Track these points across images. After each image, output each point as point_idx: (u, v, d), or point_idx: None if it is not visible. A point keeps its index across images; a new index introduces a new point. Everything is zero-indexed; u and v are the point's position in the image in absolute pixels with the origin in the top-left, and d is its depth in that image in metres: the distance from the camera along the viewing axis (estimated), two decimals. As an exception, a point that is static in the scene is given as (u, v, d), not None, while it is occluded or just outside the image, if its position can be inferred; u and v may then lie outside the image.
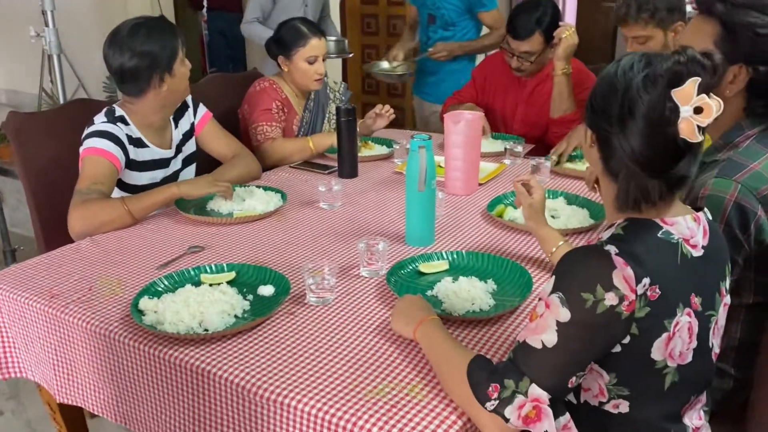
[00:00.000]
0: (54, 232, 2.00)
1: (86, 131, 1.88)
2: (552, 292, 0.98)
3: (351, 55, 3.81)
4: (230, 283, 1.44)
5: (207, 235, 1.74)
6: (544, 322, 0.98)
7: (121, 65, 1.85)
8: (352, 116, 2.13)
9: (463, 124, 1.92)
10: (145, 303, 1.33)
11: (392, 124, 2.66)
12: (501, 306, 1.33)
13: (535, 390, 0.97)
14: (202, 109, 2.15)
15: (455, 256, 1.53)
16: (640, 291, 0.95)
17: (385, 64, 3.20)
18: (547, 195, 1.89)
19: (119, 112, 1.93)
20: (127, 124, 1.92)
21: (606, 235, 1.04)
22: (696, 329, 1.03)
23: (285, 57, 2.37)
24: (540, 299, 1.01)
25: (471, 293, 1.35)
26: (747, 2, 1.30)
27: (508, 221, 1.76)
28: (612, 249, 0.96)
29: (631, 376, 1.02)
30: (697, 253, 1.03)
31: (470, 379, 1.02)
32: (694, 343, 1.03)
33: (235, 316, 1.32)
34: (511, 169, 2.25)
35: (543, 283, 1.44)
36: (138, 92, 1.89)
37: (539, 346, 0.97)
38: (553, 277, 1.00)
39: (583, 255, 1.00)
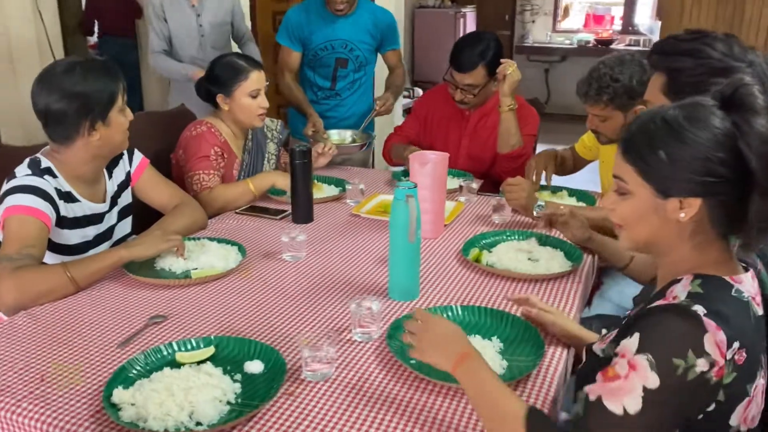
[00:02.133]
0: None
1: (7, 186, 1.64)
2: (638, 352, 0.92)
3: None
4: (211, 360, 1.28)
5: (164, 301, 1.55)
6: (629, 385, 0.92)
7: (46, 106, 1.62)
8: (307, 158, 2.01)
9: (431, 166, 1.85)
10: (119, 395, 1.14)
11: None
12: (516, 369, 1.25)
13: None
14: (138, 156, 1.94)
15: (451, 312, 1.44)
16: (729, 356, 0.91)
17: (336, 137, 2.83)
18: (518, 237, 1.87)
19: (45, 162, 1.69)
20: (54, 176, 1.69)
21: (681, 293, 0.99)
22: (764, 391, 1.01)
23: (225, 95, 2.20)
24: (621, 356, 0.95)
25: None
26: (677, 50, 1.39)
27: (487, 267, 1.70)
28: (700, 309, 0.92)
29: None
30: (760, 311, 1.01)
31: None
32: (762, 405, 1.01)
33: (228, 403, 1.15)
34: (469, 207, 2.21)
35: (548, 337, 1.38)
36: (64, 139, 1.67)
37: (620, 411, 0.91)
38: (638, 334, 0.94)
39: (673, 315, 0.94)
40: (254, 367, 1.26)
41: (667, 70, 1.42)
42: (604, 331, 1.23)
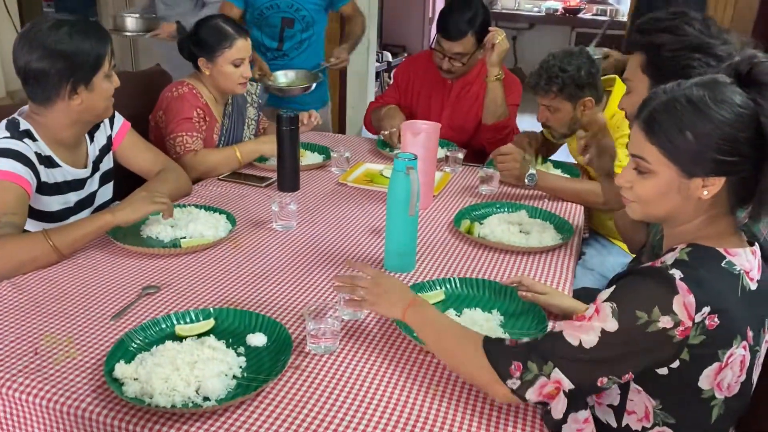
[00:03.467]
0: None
1: None
2: (606, 300, 0.99)
3: None
4: (212, 333, 1.25)
5: (154, 270, 1.51)
6: (588, 325, 0.99)
7: (26, 63, 1.53)
8: (295, 125, 1.96)
9: (424, 136, 1.83)
10: (121, 369, 1.11)
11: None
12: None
13: (559, 374, 0.99)
14: (119, 119, 1.86)
15: (449, 284, 1.45)
16: (698, 319, 0.96)
17: (282, 78, 2.76)
18: (508, 209, 1.87)
19: (24, 125, 1.61)
20: (34, 139, 1.61)
21: (669, 259, 1.02)
22: (747, 363, 1.03)
23: (207, 59, 2.12)
24: (593, 303, 1.01)
25: (483, 328, 1.28)
26: (656, 27, 1.44)
27: (480, 239, 1.70)
28: (677, 273, 0.97)
29: (677, 403, 1.03)
30: (754, 286, 1.03)
31: (489, 354, 1.04)
32: (743, 377, 1.04)
33: (234, 377, 1.13)
34: (455, 177, 2.20)
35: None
36: (43, 100, 1.58)
37: (575, 343, 0.99)
38: (613, 287, 1.01)
39: (647, 274, 1.00)
40: (257, 340, 1.24)
41: (646, 47, 1.46)
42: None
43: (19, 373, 1.12)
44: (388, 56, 6.05)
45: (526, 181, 1.97)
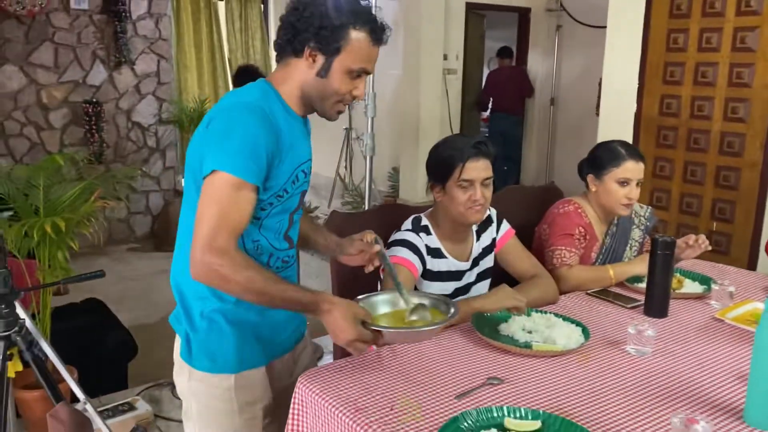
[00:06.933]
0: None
1: (393, 237, 1.96)
2: None
3: None
4: (535, 434, 1.32)
5: (502, 364, 1.64)
6: None
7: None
8: (671, 250, 1.92)
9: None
10: (448, 443, 1.26)
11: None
12: None
13: None
14: (505, 226, 2.12)
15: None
16: None
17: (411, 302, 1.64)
18: None
19: (424, 221, 1.98)
20: (429, 234, 1.96)
21: None
22: None
23: (595, 176, 2.26)
24: None
25: None
26: None
27: None
28: None
29: None
30: None
31: None
32: None
33: (545, 481, 1.18)
34: None
35: None
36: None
37: None
38: None
39: None
40: (577, 454, 1.25)
41: None
42: None
43: (374, 422, 1.37)
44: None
45: None
